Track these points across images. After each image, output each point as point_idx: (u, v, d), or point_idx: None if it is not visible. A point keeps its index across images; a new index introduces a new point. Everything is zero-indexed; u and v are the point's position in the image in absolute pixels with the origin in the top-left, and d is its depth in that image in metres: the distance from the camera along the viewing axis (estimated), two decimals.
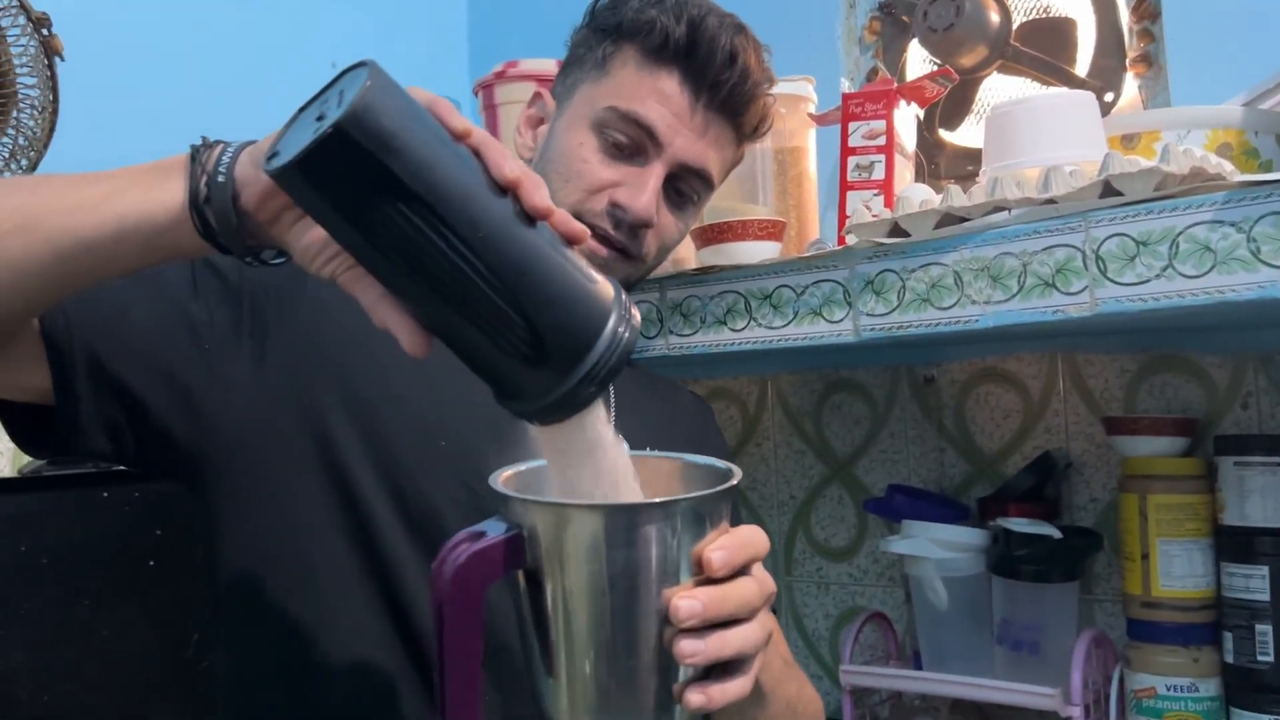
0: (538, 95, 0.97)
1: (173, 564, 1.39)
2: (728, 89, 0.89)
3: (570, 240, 0.55)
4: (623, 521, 0.53)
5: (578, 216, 0.88)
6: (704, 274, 1.04)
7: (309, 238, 0.57)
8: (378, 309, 0.55)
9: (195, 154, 0.58)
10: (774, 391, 1.40)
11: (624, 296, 0.55)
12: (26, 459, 1.34)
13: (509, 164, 0.52)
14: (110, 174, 0.60)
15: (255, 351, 0.78)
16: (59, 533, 1.30)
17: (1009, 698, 1.02)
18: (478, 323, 0.52)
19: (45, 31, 1.04)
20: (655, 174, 0.89)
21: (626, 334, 0.53)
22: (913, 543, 1.10)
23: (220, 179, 0.56)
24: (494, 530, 0.54)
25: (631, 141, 0.88)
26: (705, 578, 0.54)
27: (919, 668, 1.14)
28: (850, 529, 1.34)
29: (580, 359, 0.52)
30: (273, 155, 0.51)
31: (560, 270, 0.53)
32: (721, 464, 0.60)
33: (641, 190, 0.88)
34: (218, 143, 0.59)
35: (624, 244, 0.90)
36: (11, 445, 1.34)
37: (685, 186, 0.92)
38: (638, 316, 0.55)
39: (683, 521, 0.54)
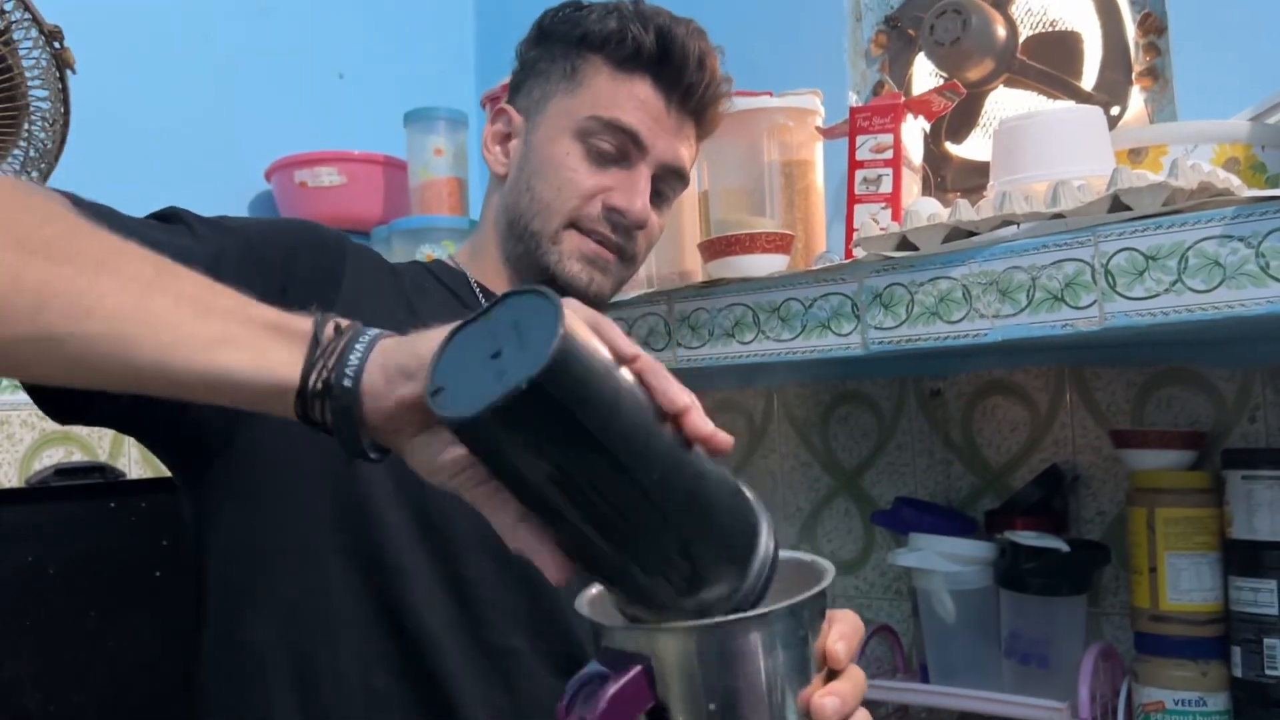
0: (501, 111, 0.99)
1: (179, 574, 1.39)
2: (699, 92, 0.94)
3: (715, 451, 0.52)
4: (761, 630, 0.51)
5: (575, 223, 0.92)
6: (712, 286, 1.04)
7: (433, 453, 0.53)
8: (515, 533, 0.51)
9: (317, 336, 0.53)
10: (780, 403, 1.40)
11: (764, 505, 0.54)
12: (33, 469, 1.35)
13: (675, 390, 0.50)
14: (219, 308, 0.54)
15: None
16: (66, 543, 1.30)
17: (1016, 711, 1.02)
18: (633, 555, 0.50)
19: (57, 44, 1.04)
20: (644, 176, 0.93)
21: (772, 554, 0.53)
22: (920, 555, 1.10)
23: (347, 383, 0.52)
24: (610, 668, 0.51)
25: (616, 148, 0.92)
26: (828, 670, 0.55)
27: (926, 681, 1.14)
28: (857, 541, 1.34)
29: (735, 590, 0.51)
30: (436, 390, 0.47)
31: (719, 497, 0.51)
32: (806, 556, 0.59)
33: (635, 193, 0.92)
34: (346, 329, 0.54)
35: (621, 245, 0.94)
36: (17, 456, 1.34)
37: (664, 186, 0.97)
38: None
39: (809, 618, 0.53)
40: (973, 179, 1.28)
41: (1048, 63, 1.24)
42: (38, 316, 0.51)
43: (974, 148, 1.31)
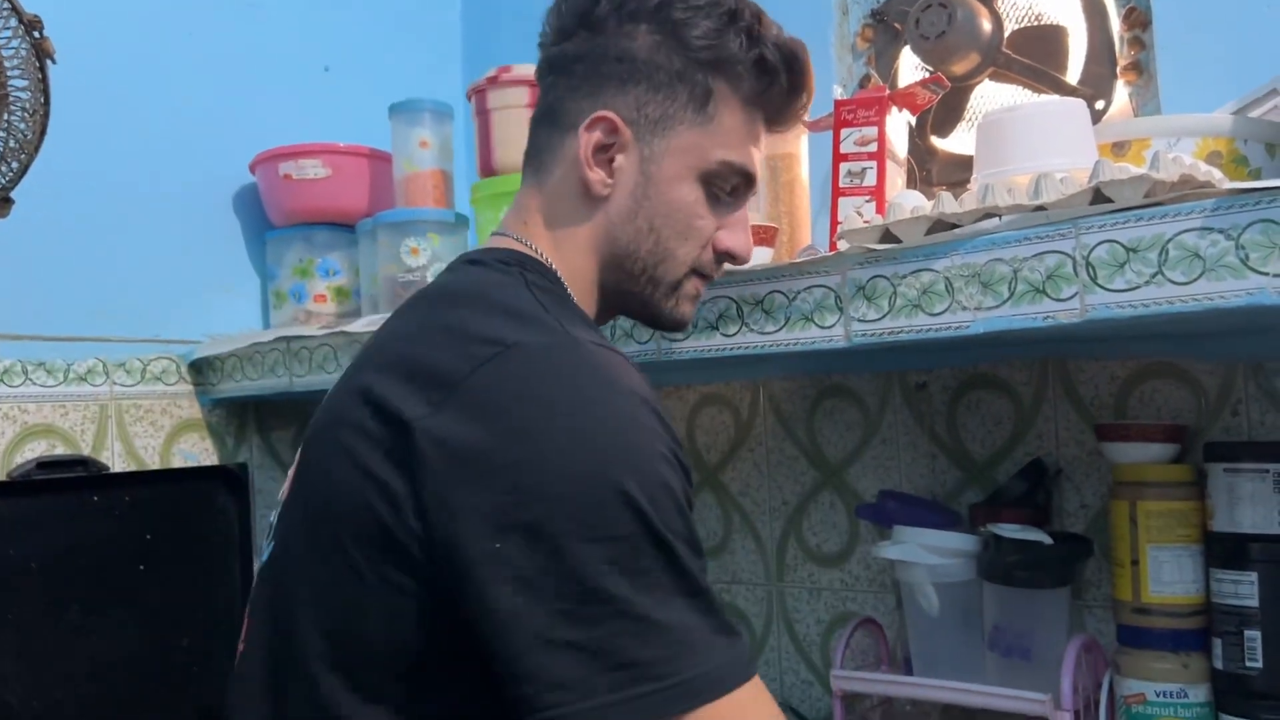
0: (605, 120, 0.83)
1: (162, 568, 1.38)
2: (793, 119, 0.92)
3: None
4: None
5: (697, 269, 0.89)
6: None
7: None
8: None
9: None
10: (766, 397, 1.40)
11: None
12: (14, 462, 1.34)
13: None
14: None
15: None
16: (48, 537, 1.29)
17: (1000, 703, 1.02)
18: None
19: (37, 34, 1.03)
20: (747, 212, 0.91)
21: None
22: (904, 549, 1.10)
23: None
24: None
25: (731, 191, 0.89)
26: None
27: (910, 673, 1.14)
28: (842, 535, 1.34)
29: None
30: None
31: None
32: None
33: (744, 233, 0.91)
34: None
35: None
36: (0, 451, 1.33)
37: None
38: None
39: None
40: (958, 173, 1.28)
41: (1033, 57, 1.24)
42: None
43: (959, 142, 1.31)
